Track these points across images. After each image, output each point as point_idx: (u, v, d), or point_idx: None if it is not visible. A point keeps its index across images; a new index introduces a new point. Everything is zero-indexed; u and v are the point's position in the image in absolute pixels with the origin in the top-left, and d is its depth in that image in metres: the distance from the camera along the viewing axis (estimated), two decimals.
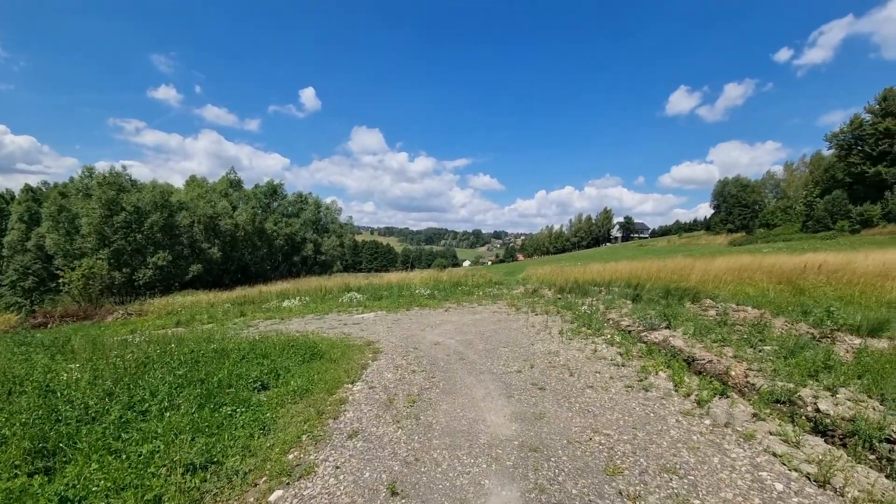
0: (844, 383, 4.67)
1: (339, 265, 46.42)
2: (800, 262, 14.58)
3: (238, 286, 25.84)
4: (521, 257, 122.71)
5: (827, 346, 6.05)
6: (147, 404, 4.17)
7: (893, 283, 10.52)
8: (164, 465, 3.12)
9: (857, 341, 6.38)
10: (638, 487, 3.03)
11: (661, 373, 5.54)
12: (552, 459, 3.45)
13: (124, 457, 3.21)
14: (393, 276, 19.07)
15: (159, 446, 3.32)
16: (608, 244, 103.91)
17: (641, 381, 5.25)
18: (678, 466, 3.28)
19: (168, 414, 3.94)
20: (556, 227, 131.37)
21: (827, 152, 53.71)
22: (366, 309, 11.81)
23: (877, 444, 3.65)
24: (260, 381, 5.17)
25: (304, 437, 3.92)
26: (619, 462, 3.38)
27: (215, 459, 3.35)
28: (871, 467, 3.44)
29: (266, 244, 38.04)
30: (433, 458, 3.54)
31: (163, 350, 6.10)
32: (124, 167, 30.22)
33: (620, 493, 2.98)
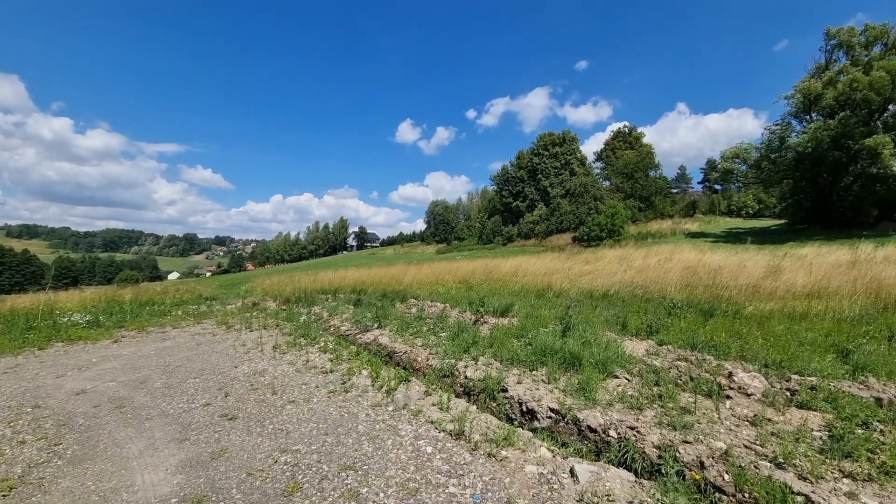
0: (483, 353, 6.36)
1: None
2: (473, 266, 19.69)
3: None
4: (250, 267, 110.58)
5: (477, 327, 8.23)
6: None
7: (518, 278, 15.70)
8: None
9: (494, 321, 9.02)
10: (314, 497, 2.96)
11: (363, 371, 5.92)
12: None
13: None
14: (25, 300, 12.65)
15: None
16: (344, 252, 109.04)
17: (345, 383, 5.42)
18: (357, 460, 3.45)
19: None
20: (294, 234, 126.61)
21: (491, 188, 76.48)
22: None
23: (496, 394, 5.10)
24: None
25: None
26: (300, 477, 3.22)
27: None
28: (491, 413, 4.73)
29: None
30: None
31: None
32: None
33: None
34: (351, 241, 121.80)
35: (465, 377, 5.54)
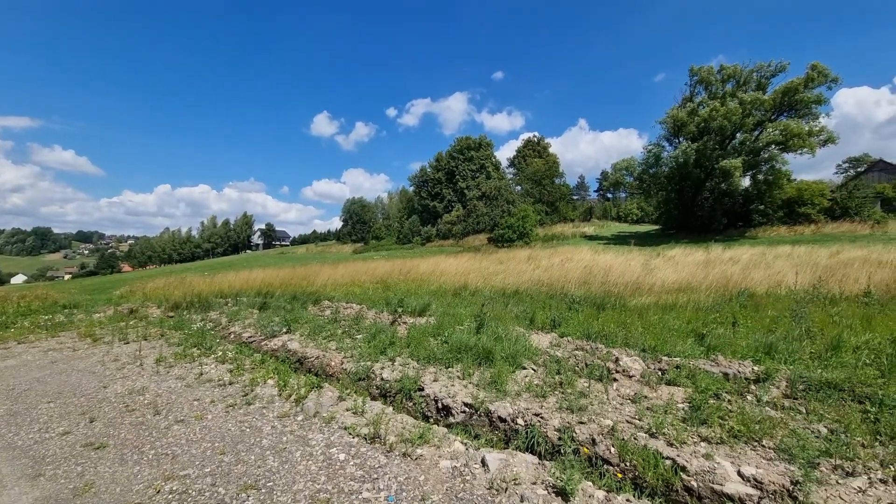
0: (400, 353, 6.30)
1: None
2: (391, 266, 19.47)
3: None
4: (127, 268, 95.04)
5: (395, 328, 8.14)
6: None
7: (436, 278, 15.92)
8: None
9: (412, 321, 9.02)
10: None
11: (269, 381, 5.46)
12: None
13: None
14: None
15: None
16: (249, 251, 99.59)
17: (246, 395, 4.95)
18: (260, 478, 3.17)
19: None
20: (185, 230, 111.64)
21: (409, 188, 76.53)
22: None
23: (413, 393, 5.08)
24: None
25: None
26: None
27: None
28: (407, 413, 4.70)
29: None
30: None
31: None
32: None
33: None
34: (256, 239, 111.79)
35: (382, 379, 5.44)
